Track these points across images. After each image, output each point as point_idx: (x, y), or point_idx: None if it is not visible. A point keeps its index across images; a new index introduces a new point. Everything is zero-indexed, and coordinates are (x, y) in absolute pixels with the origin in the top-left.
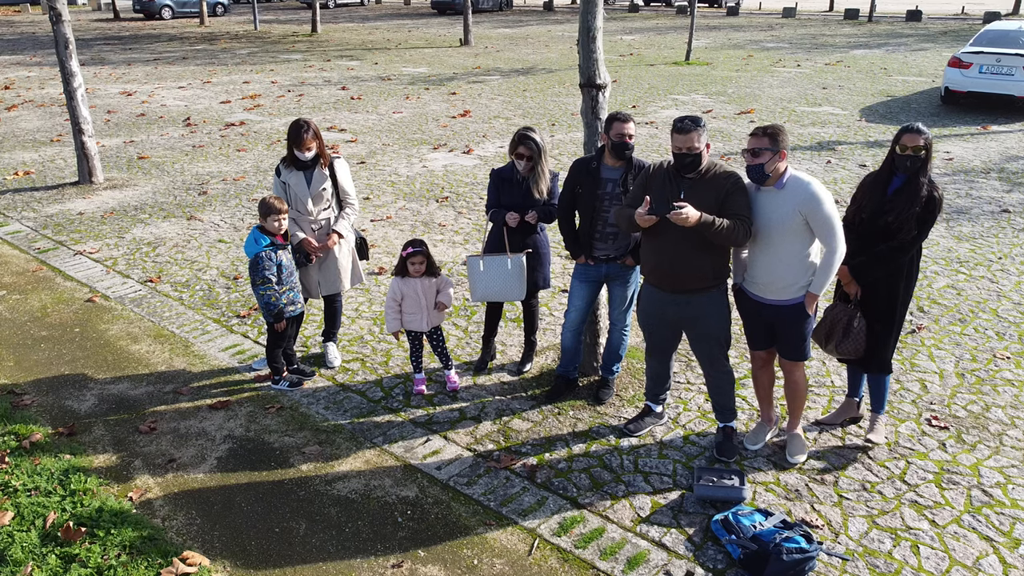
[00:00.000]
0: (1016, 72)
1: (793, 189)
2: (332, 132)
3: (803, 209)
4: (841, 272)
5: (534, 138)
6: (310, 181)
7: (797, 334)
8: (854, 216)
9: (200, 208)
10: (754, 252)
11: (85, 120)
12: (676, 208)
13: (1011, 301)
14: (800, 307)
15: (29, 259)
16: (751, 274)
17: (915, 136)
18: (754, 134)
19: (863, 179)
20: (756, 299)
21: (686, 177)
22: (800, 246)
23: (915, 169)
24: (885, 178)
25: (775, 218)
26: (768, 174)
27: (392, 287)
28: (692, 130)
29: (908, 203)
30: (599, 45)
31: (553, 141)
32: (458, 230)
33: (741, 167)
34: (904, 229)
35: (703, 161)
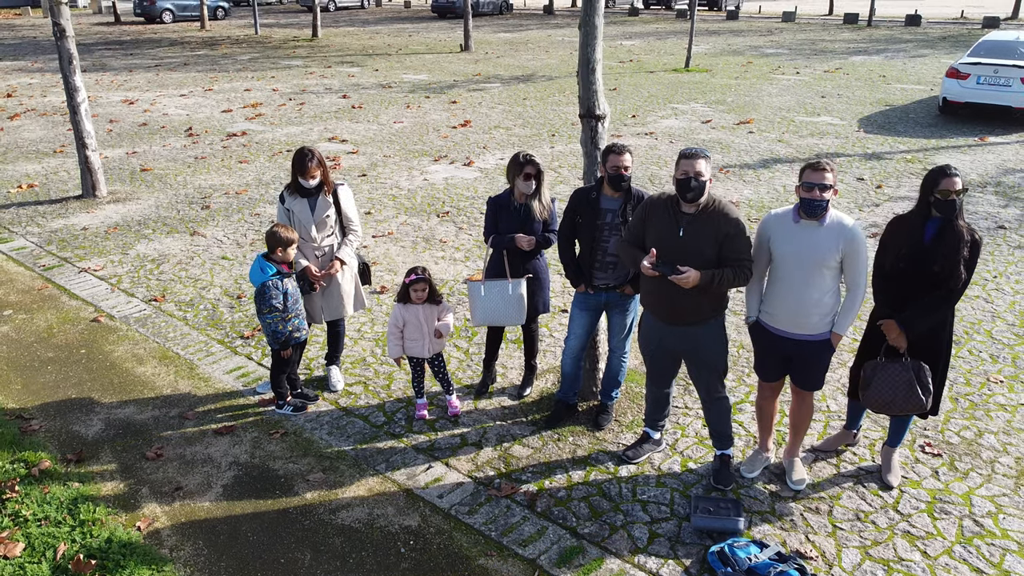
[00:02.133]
0: (1013, 84)
1: (836, 227)
2: (333, 143)
3: (845, 248)
4: (889, 326)
5: (536, 160)
6: (314, 208)
7: (818, 367)
8: (893, 265)
9: (203, 223)
10: (781, 287)
11: (89, 135)
12: (679, 272)
13: (1005, 322)
14: (825, 343)
15: (34, 276)
16: (773, 308)
17: (952, 179)
18: (819, 168)
19: (891, 224)
20: (777, 333)
21: (686, 212)
22: (832, 282)
23: (956, 212)
24: (920, 223)
25: (813, 254)
26: (826, 209)
27: (394, 314)
28: (700, 156)
29: (954, 250)
30: (598, 77)
31: (553, 153)
32: (459, 246)
33: (739, 181)
34: (953, 277)
35: (706, 192)
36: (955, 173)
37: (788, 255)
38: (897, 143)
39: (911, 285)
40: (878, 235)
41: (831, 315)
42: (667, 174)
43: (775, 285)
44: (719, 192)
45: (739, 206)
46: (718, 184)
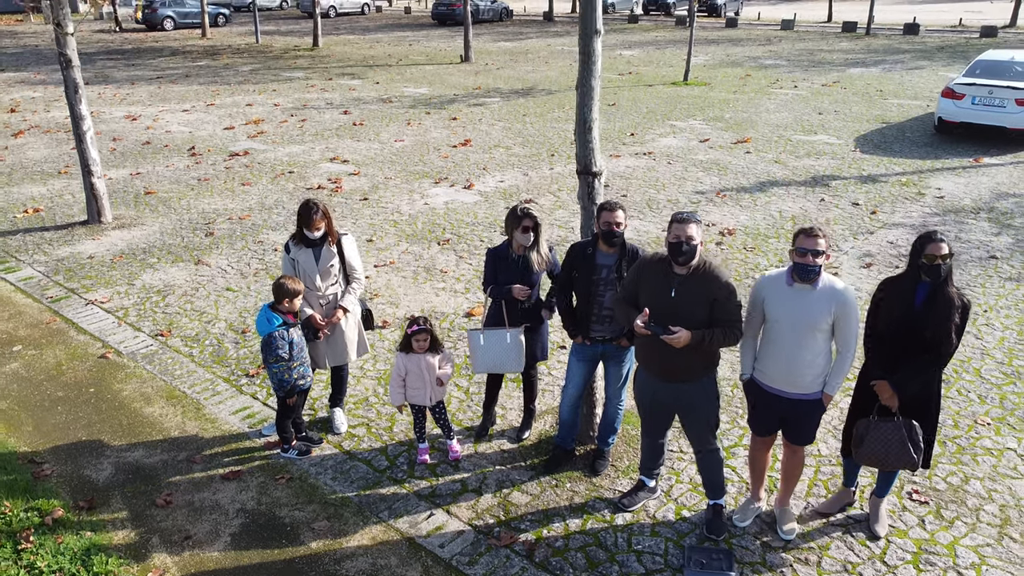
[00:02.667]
0: (1008, 104)
1: (828, 291)
2: (335, 163)
3: (837, 312)
4: (881, 387)
5: (534, 213)
6: (318, 258)
7: (809, 424)
8: (885, 328)
9: (207, 251)
10: (774, 348)
11: (94, 162)
12: (670, 331)
13: (994, 360)
14: (816, 402)
15: (42, 309)
16: (767, 367)
17: (939, 245)
18: (812, 234)
19: (883, 286)
20: (771, 391)
21: (678, 273)
22: (824, 344)
23: (944, 276)
24: (911, 287)
25: (806, 317)
26: (819, 273)
27: (397, 363)
28: (691, 221)
29: (945, 318)
30: (595, 136)
31: (552, 174)
32: (459, 276)
33: (736, 205)
34: (944, 343)
35: (696, 255)
36: (941, 239)
37: (782, 318)
38: (893, 164)
39: (903, 347)
40: (871, 263)
41: (823, 375)
42: (665, 198)
43: (769, 345)
44: (716, 217)
45: (734, 232)
46: (715, 208)
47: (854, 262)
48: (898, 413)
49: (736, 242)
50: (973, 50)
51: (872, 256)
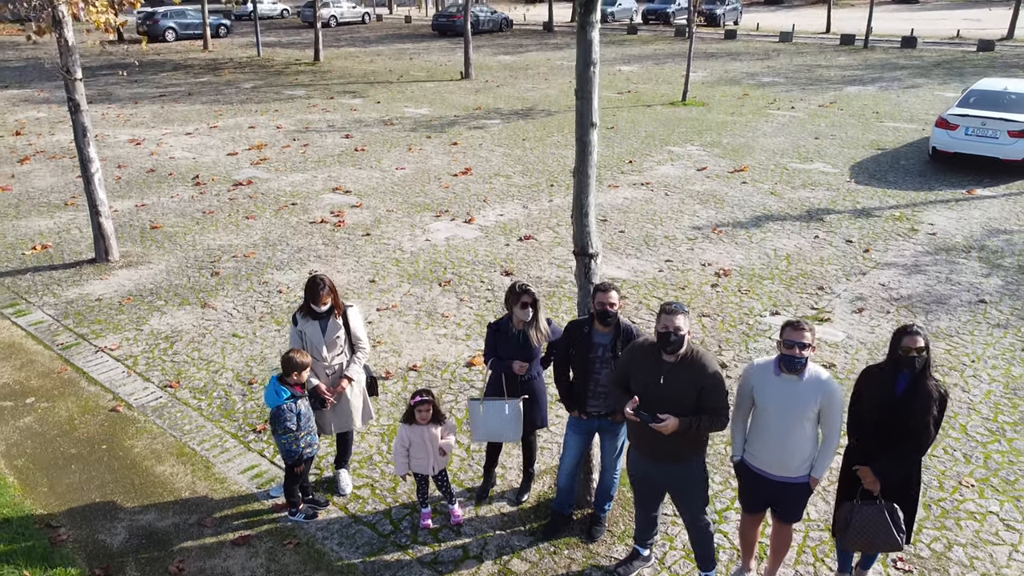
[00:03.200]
0: (1000, 136)
1: (814, 382)
2: (338, 194)
3: (823, 401)
4: (864, 472)
5: (532, 290)
6: (325, 330)
7: (797, 505)
8: (868, 416)
9: (213, 292)
10: (763, 433)
11: (102, 203)
12: (658, 419)
13: (980, 415)
14: (804, 485)
15: (53, 357)
16: (757, 451)
17: (914, 338)
18: (799, 328)
19: (865, 375)
20: (760, 474)
21: (666, 361)
22: (811, 430)
23: (920, 367)
24: (892, 376)
25: (793, 406)
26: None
27: (400, 434)
28: (679, 312)
29: (924, 409)
30: (591, 220)
31: (551, 207)
32: (460, 322)
33: (732, 243)
34: (923, 434)
35: (684, 344)
36: (917, 331)
37: (770, 406)
38: (887, 196)
39: (885, 435)
40: (862, 307)
41: (810, 459)
42: (662, 233)
43: (758, 431)
44: (712, 255)
45: (730, 273)
46: (711, 246)
47: (846, 306)
48: (880, 497)
49: (731, 284)
50: (969, 66)
51: (864, 300)
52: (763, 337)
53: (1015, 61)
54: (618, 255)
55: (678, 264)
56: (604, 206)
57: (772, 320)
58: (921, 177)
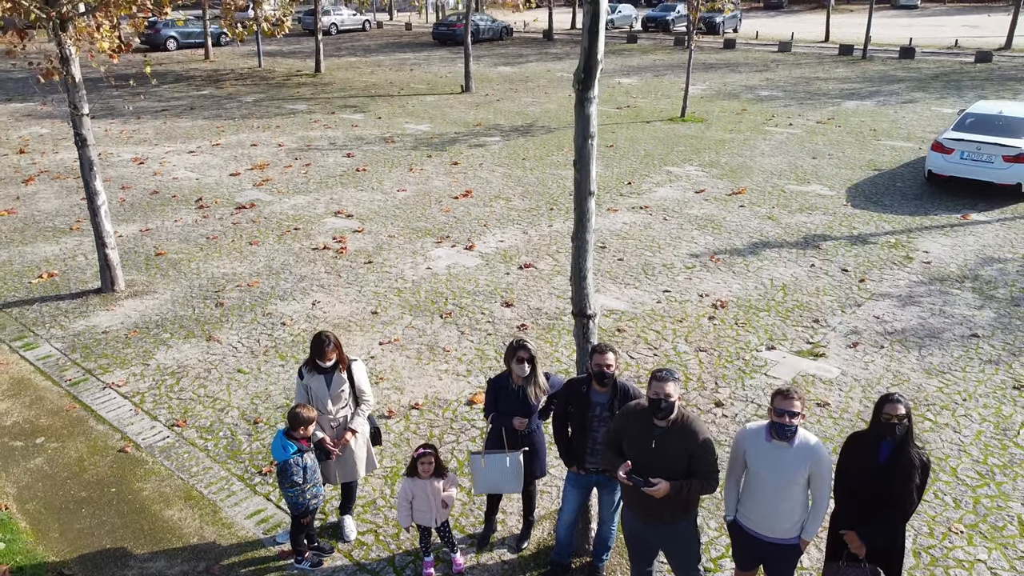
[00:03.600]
0: (995, 160)
1: (803, 448)
2: (340, 218)
3: (812, 467)
4: (850, 537)
5: (529, 346)
6: (330, 384)
7: (788, 565)
8: (852, 482)
9: (218, 324)
10: (755, 496)
11: (108, 234)
12: (650, 484)
13: (970, 457)
14: (794, 546)
15: (62, 394)
16: (749, 512)
17: (896, 406)
18: (788, 396)
19: (850, 442)
20: (752, 534)
21: (658, 425)
22: (800, 494)
23: (902, 434)
24: (875, 443)
25: (784, 472)
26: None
27: (404, 487)
28: (669, 380)
29: (907, 478)
30: (589, 283)
31: (551, 232)
32: (461, 357)
33: (729, 271)
34: (906, 501)
35: (675, 410)
36: (899, 399)
37: (761, 471)
38: (883, 222)
39: (869, 500)
40: (857, 342)
41: (800, 521)
42: (660, 261)
43: (750, 493)
44: (710, 286)
45: (727, 305)
46: (708, 275)
47: (841, 340)
48: (865, 560)
49: (728, 316)
50: (967, 78)
51: (859, 334)
52: (759, 373)
53: (1012, 73)
54: (617, 285)
55: (676, 294)
56: (603, 231)
57: (768, 355)
58: (917, 200)
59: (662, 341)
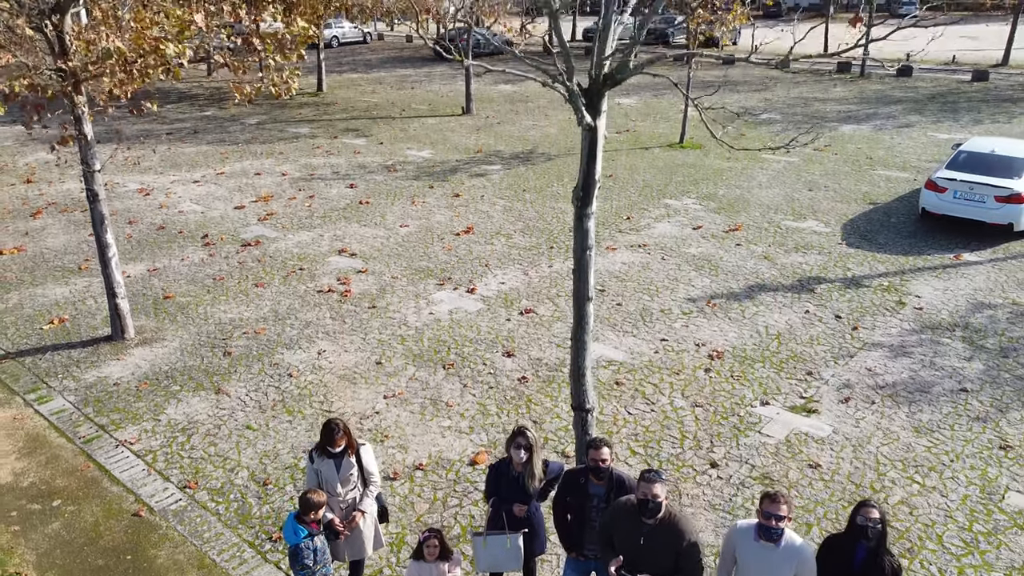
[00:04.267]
0: (987, 200)
1: (790, 549)
2: (344, 257)
3: (798, 568)
4: None
5: (528, 434)
6: (339, 468)
7: None
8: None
9: (226, 376)
10: None
11: (119, 284)
12: None
13: (956, 524)
14: None
15: (76, 452)
16: None
17: (870, 510)
18: (776, 500)
19: (826, 543)
20: None
21: (646, 522)
22: None
23: (876, 537)
24: (851, 546)
25: (771, 571)
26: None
27: (410, 570)
28: (657, 481)
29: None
30: (588, 379)
31: (551, 273)
32: (463, 412)
33: (725, 318)
34: None
35: (662, 509)
36: (874, 505)
37: (750, 569)
38: (877, 262)
39: None
40: (849, 397)
41: None
42: (658, 306)
43: None
44: (706, 334)
45: (723, 356)
46: (705, 322)
47: (833, 395)
48: None
49: (724, 368)
50: (964, 99)
51: (851, 387)
52: (753, 431)
53: (1008, 94)
54: (616, 332)
55: (673, 343)
56: (602, 272)
57: (762, 411)
58: (911, 239)
59: (659, 395)
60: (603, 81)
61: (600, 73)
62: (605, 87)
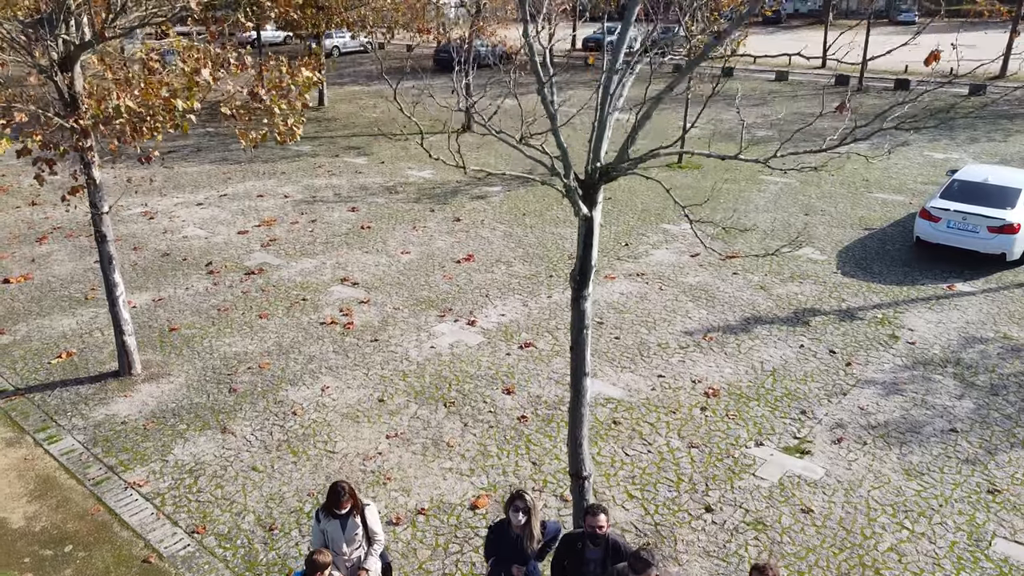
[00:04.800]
0: (980, 231)
1: None
2: (346, 286)
3: None
4: None
5: (526, 497)
6: (345, 528)
7: None
8: None
9: (231, 414)
10: None
11: (126, 322)
12: None
13: (943, 572)
14: None
15: (86, 495)
16: None
17: None
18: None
19: None
20: None
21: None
22: None
23: None
24: None
25: None
26: None
27: None
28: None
29: None
30: (585, 448)
31: (550, 304)
32: (464, 453)
33: (721, 352)
34: None
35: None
36: None
37: None
38: (871, 292)
39: None
40: (841, 438)
41: None
42: (655, 340)
43: None
44: (702, 370)
45: (719, 393)
46: (701, 357)
47: (826, 435)
48: None
49: (719, 407)
50: (960, 115)
51: (843, 427)
52: (747, 474)
53: (1005, 110)
54: (613, 368)
55: (670, 379)
56: (600, 303)
57: (757, 452)
58: (905, 267)
59: (656, 435)
60: (598, 177)
61: (596, 168)
62: (600, 182)
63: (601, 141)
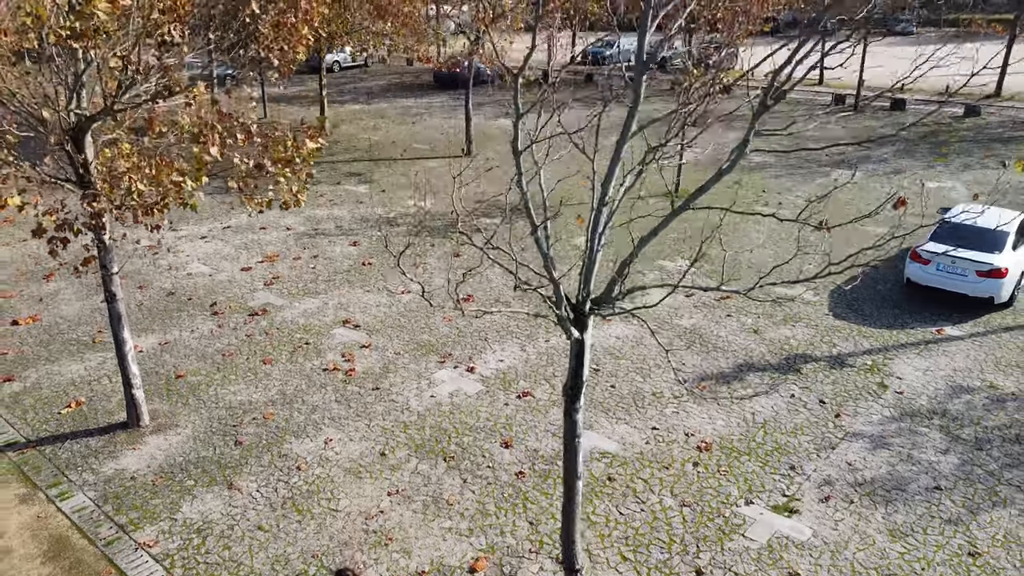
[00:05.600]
0: (969, 275)
1: None
2: (348, 329)
3: None
4: None
5: None
6: None
7: None
8: None
9: (237, 469)
10: None
11: (135, 375)
12: None
13: None
14: None
15: (98, 556)
16: None
17: None
18: None
19: None
20: None
21: None
22: None
23: None
24: None
25: None
26: None
27: None
28: None
29: None
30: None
31: (547, 348)
32: (463, 511)
33: (714, 404)
34: None
35: None
36: None
37: None
38: (862, 337)
39: None
40: (829, 495)
41: None
42: (650, 389)
43: None
44: (696, 422)
45: (711, 448)
46: (694, 408)
47: (815, 493)
48: None
49: (711, 462)
50: (955, 139)
51: (831, 484)
52: (737, 534)
53: (998, 132)
54: (608, 419)
55: (663, 432)
56: (598, 348)
57: (746, 511)
58: (895, 309)
59: (649, 493)
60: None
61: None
62: (591, 313)
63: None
